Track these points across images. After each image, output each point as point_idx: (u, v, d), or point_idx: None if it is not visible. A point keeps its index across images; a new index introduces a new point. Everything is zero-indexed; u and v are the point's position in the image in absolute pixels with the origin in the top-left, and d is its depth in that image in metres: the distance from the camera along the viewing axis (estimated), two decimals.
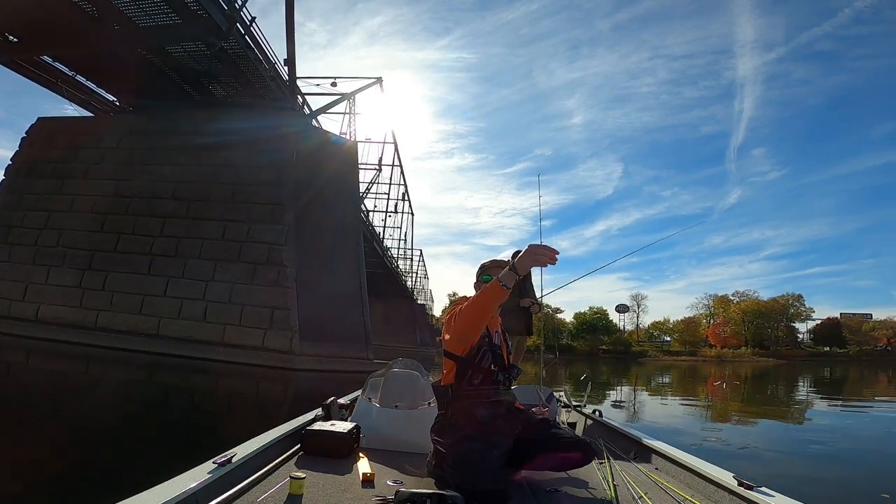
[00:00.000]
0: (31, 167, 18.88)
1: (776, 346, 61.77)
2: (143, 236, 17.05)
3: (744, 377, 27.46)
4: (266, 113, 18.95)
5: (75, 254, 17.00)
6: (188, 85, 19.81)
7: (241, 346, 15.06)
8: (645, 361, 54.38)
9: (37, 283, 16.72)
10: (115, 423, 5.61)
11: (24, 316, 16.17)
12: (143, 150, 18.60)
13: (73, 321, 15.81)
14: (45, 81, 19.37)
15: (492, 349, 2.05)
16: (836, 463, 5.44)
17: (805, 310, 65.41)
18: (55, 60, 18.70)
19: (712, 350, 61.87)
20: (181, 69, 18.68)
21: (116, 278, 16.45)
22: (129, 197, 17.74)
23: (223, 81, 19.62)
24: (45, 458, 3.75)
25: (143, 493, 1.28)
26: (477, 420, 1.91)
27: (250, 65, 17.68)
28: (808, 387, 20.39)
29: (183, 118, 19.19)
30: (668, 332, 69.93)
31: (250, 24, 16.64)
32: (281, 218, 16.92)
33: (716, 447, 5.96)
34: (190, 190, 17.61)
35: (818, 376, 29.49)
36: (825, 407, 12.76)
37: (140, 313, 15.83)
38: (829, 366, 45.28)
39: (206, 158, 18.15)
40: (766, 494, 1.56)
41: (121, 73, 18.76)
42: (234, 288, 16.01)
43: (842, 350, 60.61)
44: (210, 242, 16.70)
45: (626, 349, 61.49)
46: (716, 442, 6.41)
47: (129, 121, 20.09)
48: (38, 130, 19.86)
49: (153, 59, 17.90)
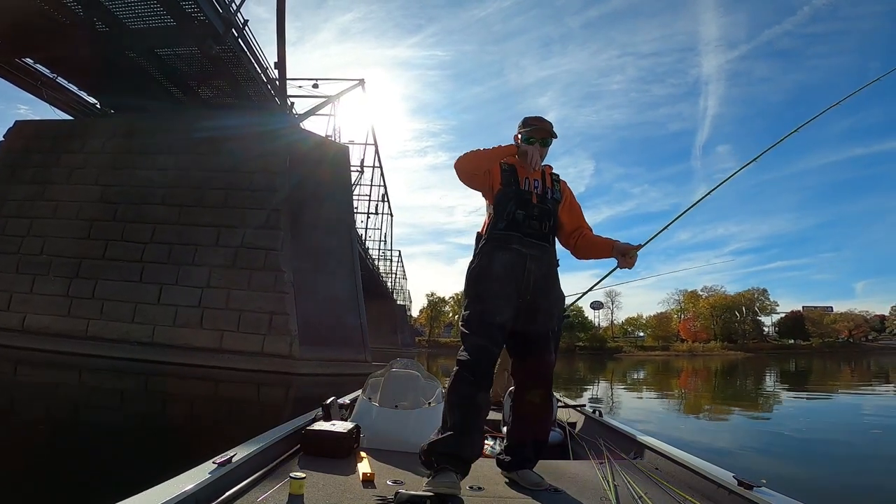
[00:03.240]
0: (10, 172, 18.20)
1: (744, 340, 64.34)
2: (133, 243, 16.69)
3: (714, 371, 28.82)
4: (257, 116, 18.80)
5: (61, 261, 16.52)
6: (175, 87, 19.50)
7: (241, 351, 15.00)
8: (620, 357, 55.92)
9: (21, 292, 16.15)
10: (114, 429, 5.67)
11: (9, 326, 15.60)
12: (130, 155, 18.17)
13: (62, 330, 15.38)
14: (24, 84, 18.67)
15: (518, 195, 2.04)
16: (810, 454, 5.74)
17: (770, 303, 68.54)
18: (35, 62, 18.09)
19: (684, 344, 64.11)
20: (169, 71, 18.36)
21: (106, 286, 16.07)
22: (116, 203, 17.32)
23: (212, 84, 19.36)
24: (44, 462, 3.79)
25: (143, 493, 1.29)
26: (488, 273, 1.95)
27: (242, 68, 17.56)
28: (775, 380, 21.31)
29: (170, 121, 18.84)
30: (641, 328, 72.11)
31: (243, 28, 16.59)
32: (276, 223, 16.89)
33: (696, 440, 6.29)
34: (181, 195, 17.33)
35: (784, 368, 30.96)
36: (792, 398, 13.50)
37: (133, 321, 15.52)
38: (794, 358, 47.40)
39: (197, 163, 17.89)
40: (766, 494, 1.57)
41: (102, 75, 18.33)
42: (230, 294, 15.89)
43: (805, 342, 63.43)
44: (204, 249, 16.51)
45: (601, 345, 62.99)
46: (693, 434, 6.77)
47: (114, 124, 19.54)
48: (15, 134, 19.17)
49: (141, 61, 17.53)
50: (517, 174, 2.08)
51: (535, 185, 2.09)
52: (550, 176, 2.17)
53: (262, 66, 18.19)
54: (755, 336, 66.31)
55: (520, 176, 2.08)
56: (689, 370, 29.97)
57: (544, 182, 2.13)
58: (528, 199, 2.04)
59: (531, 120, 2.16)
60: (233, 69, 17.62)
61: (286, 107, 19.84)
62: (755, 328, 67.81)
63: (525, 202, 2.03)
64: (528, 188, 2.07)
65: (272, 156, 17.98)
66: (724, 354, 56.98)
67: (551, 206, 2.10)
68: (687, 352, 60.71)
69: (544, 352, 2.03)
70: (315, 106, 22.60)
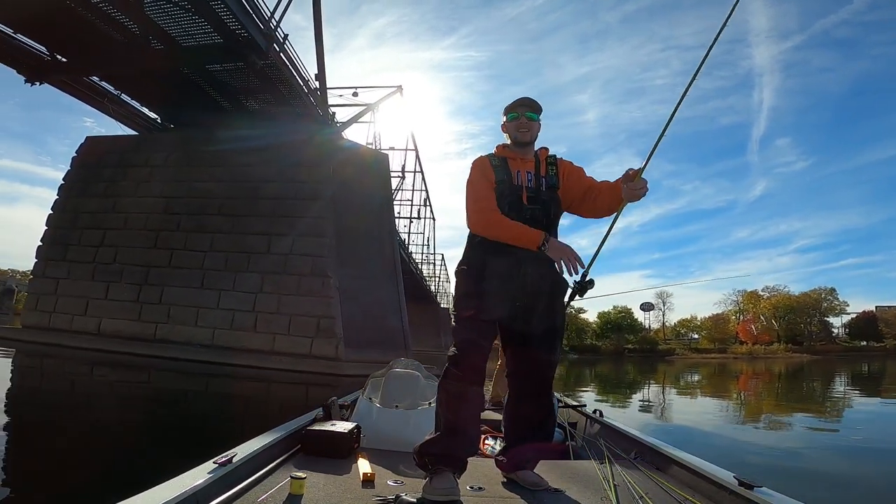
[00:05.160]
0: (83, 186, 19.85)
1: (810, 342, 60.31)
2: (194, 252, 17.90)
3: (777, 374, 27.19)
4: (301, 126, 19.67)
5: (132, 270, 17.94)
6: (225, 101, 20.61)
7: (291, 354, 15.74)
8: (672, 360, 53.67)
9: (97, 298, 17.69)
10: (171, 425, 5.96)
11: (87, 329, 17.15)
12: (189, 167, 19.43)
13: (133, 334, 16.73)
14: (91, 100, 20.23)
15: (511, 192, 1.95)
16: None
17: (839, 303, 63.76)
18: (101, 80, 19.56)
19: (743, 347, 60.74)
20: (219, 86, 19.47)
21: (172, 292, 17.34)
22: (178, 214, 18.61)
23: (259, 97, 20.32)
24: (92, 453, 4.05)
25: (143, 494, 1.29)
26: (481, 274, 1.90)
27: (285, 80, 18.37)
28: (845, 383, 19.99)
29: (223, 134, 19.85)
30: (695, 330, 68.98)
31: (283, 42, 17.39)
32: (322, 230, 17.58)
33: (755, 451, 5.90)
34: (235, 205, 18.39)
35: (855, 371, 28.86)
36: (862, 403, 12.68)
37: (196, 325, 16.69)
38: (866, 360, 44.05)
39: (248, 173, 18.90)
40: (766, 494, 1.56)
41: (161, 90, 19.65)
42: (281, 299, 16.74)
43: (878, 344, 58.72)
44: (257, 256, 17.47)
45: (652, 348, 60.78)
46: (753, 445, 6.37)
47: (173, 137, 20.91)
48: (87, 150, 20.77)
49: (194, 76, 18.71)
50: (509, 168, 1.99)
51: (527, 178, 1.99)
52: (546, 161, 2.06)
53: (303, 79, 18.96)
54: (823, 338, 61.93)
55: (511, 169, 1.99)
56: (748, 373, 28.47)
57: (538, 170, 2.02)
58: (518, 199, 1.95)
59: (510, 103, 2.07)
60: (277, 82, 18.45)
61: (328, 116, 20.59)
62: (823, 329, 63.32)
63: (515, 204, 1.94)
64: (520, 182, 1.97)
65: (316, 165, 18.72)
66: (787, 357, 53.58)
67: (546, 198, 1.99)
68: (746, 354, 57.49)
69: (542, 351, 1.98)
70: (356, 115, 23.30)
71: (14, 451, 4.06)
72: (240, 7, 14.73)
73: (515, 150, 2.03)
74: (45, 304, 18.25)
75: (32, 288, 19.51)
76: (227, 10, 14.53)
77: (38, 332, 17.14)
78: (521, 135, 2.00)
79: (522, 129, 2.01)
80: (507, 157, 2.03)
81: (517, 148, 2.04)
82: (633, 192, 1.87)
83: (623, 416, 9.29)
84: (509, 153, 2.04)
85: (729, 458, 4.47)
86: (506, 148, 2.06)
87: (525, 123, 2.01)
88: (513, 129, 2.02)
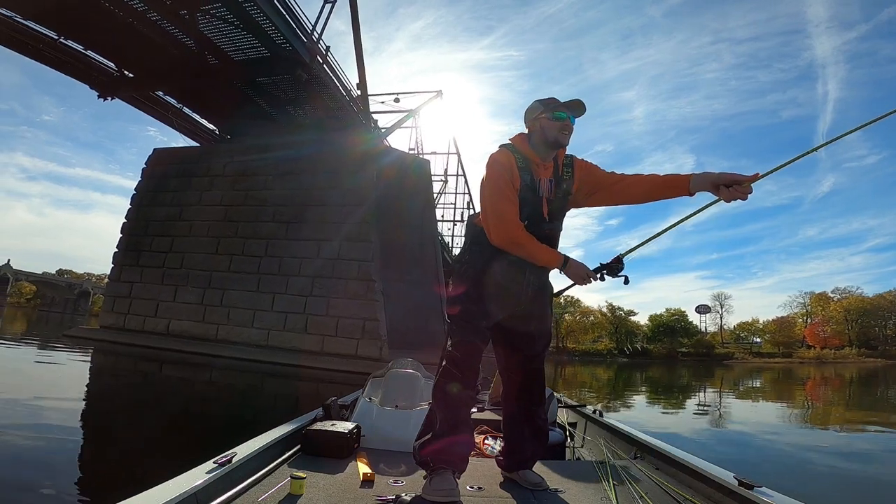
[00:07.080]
0: (152, 196, 21.51)
1: (885, 346, 55.47)
2: (250, 257, 19.13)
3: (848, 380, 25.36)
4: (346, 134, 20.44)
5: (196, 274, 19.39)
6: (275, 111, 21.69)
7: (339, 354, 16.51)
8: (731, 364, 50.94)
9: (166, 300, 19.28)
10: (228, 422, 6.37)
11: (157, 330, 18.73)
12: (245, 176, 20.66)
13: (198, 334, 18.12)
14: (157, 114, 22.04)
15: (533, 202, 1.85)
16: None
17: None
18: (165, 94, 21.20)
19: (811, 351, 56.69)
20: (269, 97, 20.56)
21: (231, 295, 18.62)
22: (236, 221, 19.90)
23: (305, 107, 21.27)
24: (150, 447, 4.40)
25: (143, 494, 1.30)
26: (484, 278, 1.85)
27: (329, 92, 19.24)
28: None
29: (273, 144, 20.99)
30: (757, 333, 65.05)
31: (326, 54, 18.19)
32: (367, 236, 18.29)
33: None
34: (286, 212, 19.46)
35: None
36: None
37: (252, 326, 17.85)
38: None
39: (297, 181, 19.90)
40: (766, 494, 1.55)
41: (218, 103, 20.98)
42: (329, 302, 17.59)
43: None
44: (307, 260, 18.42)
45: (708, 352, 57.85)
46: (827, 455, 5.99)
47: (230, 148, 22.24)
48: (155, 161, 22.41)
49: (246, 89, 19.85)
50: (532, 172, 1.87)
51: (549, 188, 1.89)
52: (563, 164, 1.94)
53: (346, 88, 19.80)
54: None
55: (535, 174, 1.87)
56: (816, 378, 26.71)
57: (556, 173, 1.92)
58: (539, 213, 1.86)
59: (550, 99, 1.91)
60: (321, 93, 19.34)
61: (370, 123, 21.27)
62: None
63: (536, 217, 1.86)
64: (542, 193, 1.87)
65: (361, 171, 19.43)
66: (860, 362, 49.56)
67: (562, 211, 1.95)
68: (814, 359, 53.59)
69: (533, 349, 2.00)
70: (398, 121, 23.97)
71: (95, 439, 4.66)
72: (283, 22, 15.69)
73: (544, 151, 1.89)
74: (120, 306, 20.01)
75: (109, 291, 21.28)
76: (272, 25, 15.53)
77: (115, 332, 18.84)
78: (562, 137, 1.87)
79: (566, 131, 1.88)
80: (532, 160, 1.88)
81: (546, 150, 1.89)
82: (737, 193, 1.83)
83: (677, 422, 9.15)
84: (534, 155, 1.88)
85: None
86: (530, 145, 1.90)
87: (570, 127, 1.88)
88: (556, 129, 1.86)
